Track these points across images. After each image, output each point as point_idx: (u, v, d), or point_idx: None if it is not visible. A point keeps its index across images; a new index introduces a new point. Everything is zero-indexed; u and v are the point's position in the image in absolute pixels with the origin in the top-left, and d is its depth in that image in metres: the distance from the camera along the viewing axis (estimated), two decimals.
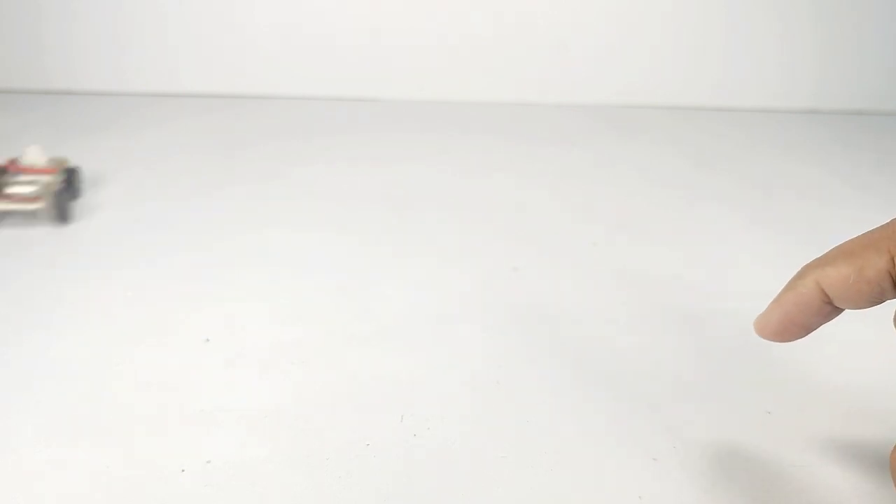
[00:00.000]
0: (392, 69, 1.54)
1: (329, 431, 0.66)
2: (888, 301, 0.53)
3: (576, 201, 1.12)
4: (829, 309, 0.56)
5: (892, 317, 0.56)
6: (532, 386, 0.72)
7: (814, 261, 0.59)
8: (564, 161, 1.27)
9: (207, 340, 0.77)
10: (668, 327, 0.82)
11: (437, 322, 0.81)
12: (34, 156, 1.00)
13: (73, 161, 1.08)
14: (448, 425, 0.67)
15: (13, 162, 1.00)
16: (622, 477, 0.63)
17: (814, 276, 0.56)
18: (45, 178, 0.99)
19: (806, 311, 0.57)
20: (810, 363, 0.76)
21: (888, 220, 0.55)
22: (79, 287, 0.86)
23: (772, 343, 0.60)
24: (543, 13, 1.49)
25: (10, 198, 0.94)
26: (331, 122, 1.42)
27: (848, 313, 0.57)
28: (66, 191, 0.98)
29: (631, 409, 0.69)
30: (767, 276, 0.93)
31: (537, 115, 1.50)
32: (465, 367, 0.74)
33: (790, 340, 0.59)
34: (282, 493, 0.60)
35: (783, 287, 0.60)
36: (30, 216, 0.98)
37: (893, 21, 1.54)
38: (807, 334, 0.59)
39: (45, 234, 0.97)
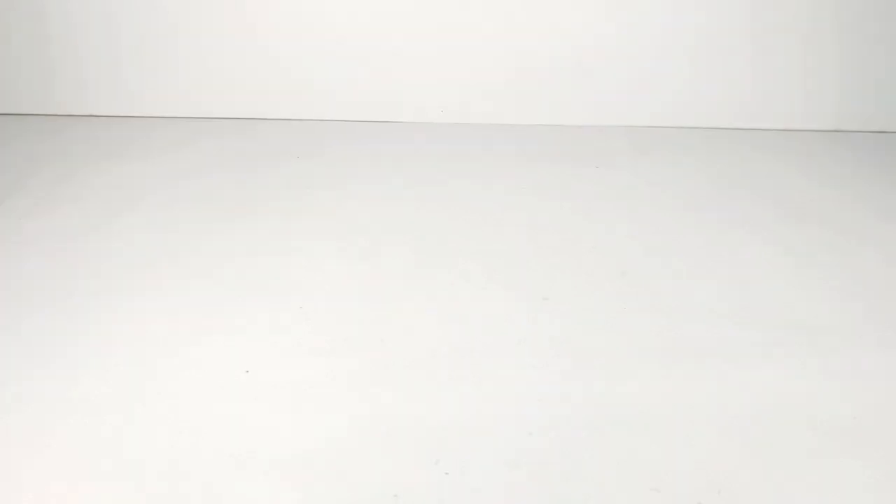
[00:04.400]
0: (414, 92, 1.53)
1: (361, 477, 0.64)
2: None
3: (605, 226, 1.11)
4: None
5: None
6: (570, 424, 0.70)
7: None
8: (593, 184, 1.26)
9: (247, 372, 0.76)
10: (702, 362, 0.80)
11: (470, 356, 0.80)
12: None
13: None
14: (484, 469, 0.65)
15: None
16: None
17: None
18: None
19: None
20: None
21: None
22: (105, 319, 0.85)
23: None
24: (574, 39, 1.48)
25: None
26: (353, 146, 1.41)
27: None
28: None
29: (667, 451, 0.68)
30: (800, 307, 0.92)
31: (566, 137, 1.48)
32: (499, 404, 0.73)
33: None
34: None
35: None
36: None
37: None
38: None
39: (66, 267, 0.97)
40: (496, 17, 1.48)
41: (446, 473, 0.64)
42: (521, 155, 1.38)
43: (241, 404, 0.73)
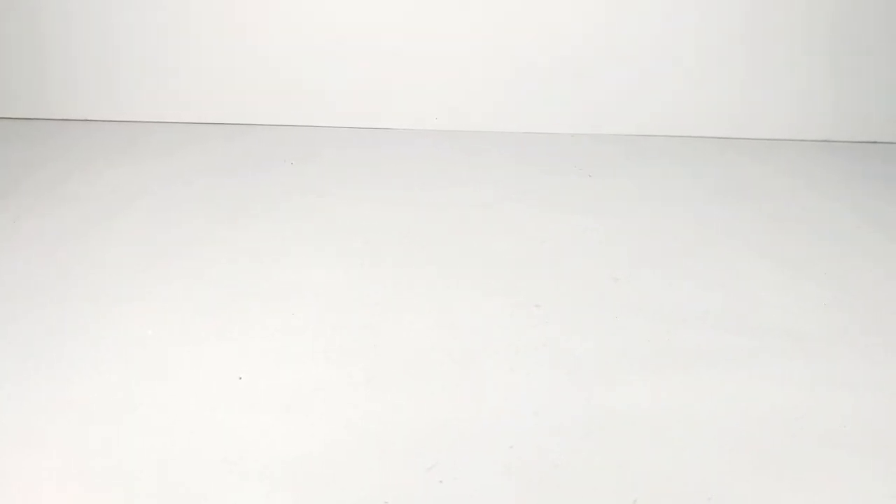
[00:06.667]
0: (409, 99, 1.53)
1: (352, 484, 0.64)
2: None
3: (597, 234, 1.11)
4: None
5: None
6: (562, 431, 0.70)
7: None
8: (585, 192, 1.26)
9: (240, 379, 0.76)
10: (693, 369, 0.80)
11: (462, 362, 0.80)
12: None
13: None
14: (477, 476, 0.65)
15: None
16: None
17: None
18: None
19: None
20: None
21: None
22: (96, 323, 0.85)
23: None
24: (568, 48, 1.48)
25: None
26: (350, 152, 1.41)
27: None
28: None
29: (661, 454, 0.68)
30: (790, 315, 0.92)
31: (557, 144, 1.48)
32: (492, 411, 0.73)
33: None
34: None
35: None
36: None
37: None
38: None
39: (56, 270, 0.96)
40: (490, 25, 1.48)
41: (440, 482, 0.64)
42: (515, 162, 1.38)
43: (234, 410, 0.72)
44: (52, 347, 0.80)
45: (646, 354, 0.82)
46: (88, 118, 1.51)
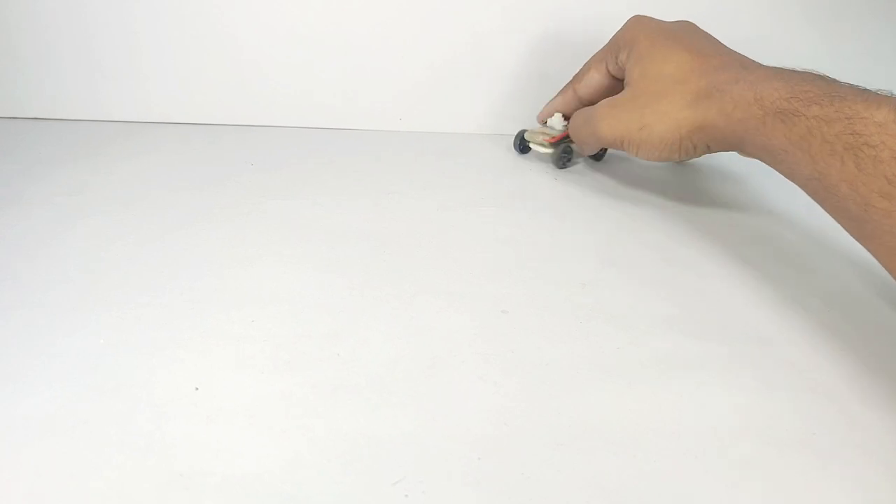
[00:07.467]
0: (373, 99, 1.51)
1: (316, 499, 0.62)
2: None
3: (564, 238, 1.10)
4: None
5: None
6: (532, 442, 0.69)
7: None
8: (551, 194, 1.26)
9: (196, 389, 0.73)
10: (663, 376, 0.79)
11: (429, 371, 0.78)
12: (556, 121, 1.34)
13: None
14: (444, 489, 0.63)
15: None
16: None
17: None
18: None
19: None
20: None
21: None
22: (48, 335, 0.81)
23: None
24: (528, 43, 1.48)
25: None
26: (313, 154, 1.38)
27: None
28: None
29: (632, 464, 0.67)
30: (761, 321, 0.92)
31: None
32: (459, 422, 0.71)
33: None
34: None
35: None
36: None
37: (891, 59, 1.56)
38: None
39: (7, 278, 0.92)
40: (458, 25, 1.47)
41: (406, 496, 0.62)
42: (482, 164, 1.38)
43: (191, 422, 0.69)
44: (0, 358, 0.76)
45: (614, 361, 0.82)
46: (36, 116, 1.46)
